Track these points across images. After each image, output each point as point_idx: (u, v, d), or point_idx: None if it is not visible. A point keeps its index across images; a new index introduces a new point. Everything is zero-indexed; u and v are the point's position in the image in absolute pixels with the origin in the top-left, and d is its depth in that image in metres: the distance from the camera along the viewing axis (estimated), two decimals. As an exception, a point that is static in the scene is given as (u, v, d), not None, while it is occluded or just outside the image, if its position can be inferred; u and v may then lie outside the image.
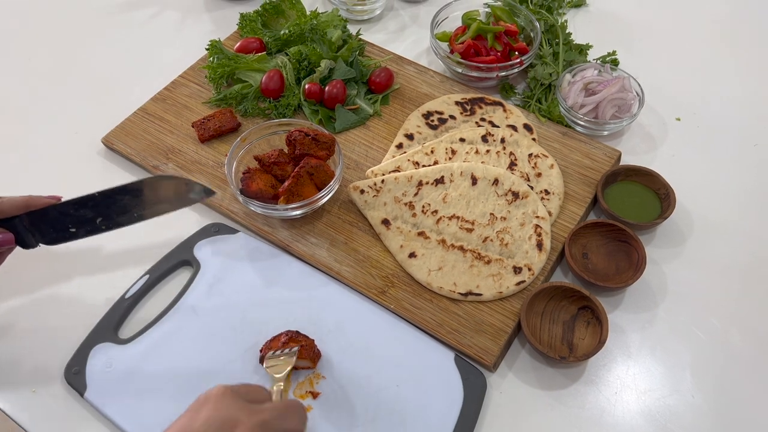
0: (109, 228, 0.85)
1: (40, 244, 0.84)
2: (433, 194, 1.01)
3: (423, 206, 1.00)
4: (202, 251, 0.98)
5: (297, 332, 0.87)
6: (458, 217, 0.99)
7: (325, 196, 0.98)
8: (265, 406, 0.67)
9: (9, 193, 1.06)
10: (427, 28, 1.24)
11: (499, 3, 1.25)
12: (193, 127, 1.11)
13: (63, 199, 0.85)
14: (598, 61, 1.21)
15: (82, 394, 0.85)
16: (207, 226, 1.01)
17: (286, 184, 0.96)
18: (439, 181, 1.02)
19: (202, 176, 1.07)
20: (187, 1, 1.41)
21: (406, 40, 1.33)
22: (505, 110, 1.14)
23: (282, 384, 0.80)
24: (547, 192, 1.03)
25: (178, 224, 1.03)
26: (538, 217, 0.99)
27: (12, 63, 1.30)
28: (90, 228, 0.84)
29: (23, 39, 1.34)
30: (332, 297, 0.94)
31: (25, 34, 1.35)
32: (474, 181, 1.02)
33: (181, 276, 0.98)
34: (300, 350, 0.83)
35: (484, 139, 1.08)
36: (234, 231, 1.01)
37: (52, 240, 0.85)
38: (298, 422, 0.69)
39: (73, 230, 0.83)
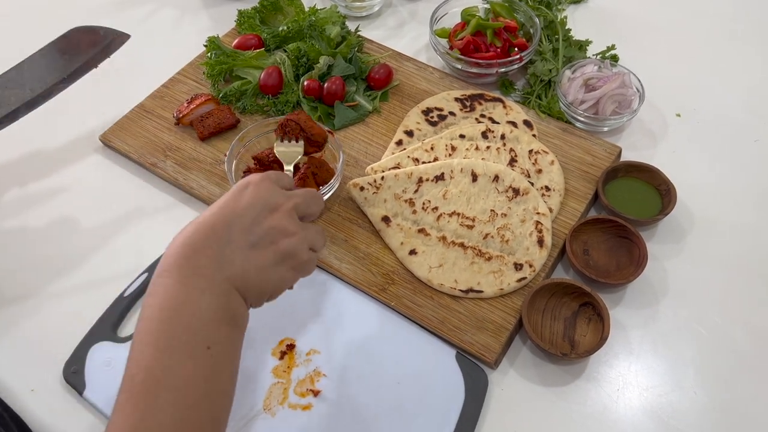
0: (44, 98, 0.86)
1: None
2: (434, 191, 1.00)
3: (423, 203, 1.00)
4: (201, 249, 0.97)
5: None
6: (459, 214, 0.99)
7: (325, 194, 0.98)
8: (296, 192, 0.74)
9: (11, 192, 1.06)
10: (426, 25, 1.24)
11: (499, -1, 1.24)
12: (191, 124, 1.11)
13: None
14: (598, 57, 1.21)
15: (80, 393, 0.84)
16: (206, 224, 1.01)
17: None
18: (440, 178, 1.01)
19: (201, 174, 1.06)
20: (185, -3, 1.40)
21: (405, 36, 1.32)
22: (504, 106, 1.13)
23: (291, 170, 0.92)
24: (547, 188, 1.02)
25: (177, 221, 1.02)
26: (538, 213, 0.98)
27: (9, 61, 1.29)
28: (25, 106, 0.86)
29: (20, 37, 1.33)
30: (332, 294, 0.93)
31: (21, 32, 1.34)
32: (474, 177, 1.01)
33: (180, 274, 0.97)
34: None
35: (484, 135, 1.07)
36: (233, 228, 1.00)
37: None
38: (318, 208, 0.77)
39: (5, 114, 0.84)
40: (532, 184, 1.02)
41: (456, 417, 0.82)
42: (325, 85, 1.14)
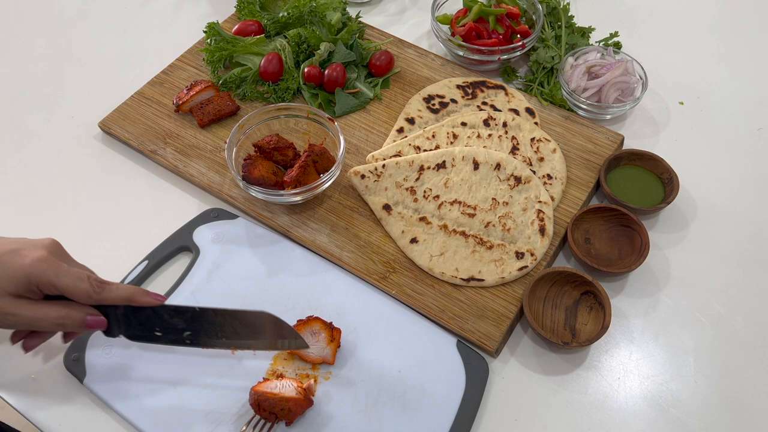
0: (192, 344, 0.81)
1: (121, 336, 0.80)
2: (435, 179, 1.00)
3: (424, 191, 0.99)
4: (201, 237, 0.97)
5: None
6: (460, 202, 0.98)
7: (326, 182, 0.97)
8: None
9: (11, 180, 1.05)
10: (427, 11, 1.23)
11: (501, -15, 1.23)
12: (191, 112, 1.10)
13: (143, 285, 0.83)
14: (601, 44, 1.20)
15: (81, 381, 0.84)
16: (206, 211, 1.00)
17: (294, 174, 0.95)
18: (441, 166, 1.01)
19: (201, 161, 1.05)
20: (184, -17, 1.39)
21: (406, 22, 1.31)
22: (507, 94, 1.12)
23: None
24: (549, 177, 1.02)
25: (176, 209, 1.02)
26: (540, 202, 0.98)
27: (7, 46, 1.28)
28: (175, 338, 0.81)
29: (18, 22, 1.32)
30: (333, 283, 0.93)
31: (19, 16, 1.33)
32: (476, 165, 1.01)
33: (181, 262, 0.97)
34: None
35: (486, 123, 1.07)
36: (233, 216, 1.00)
37: (135, 337, 0.81)
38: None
39: (159, 334, 0.80)
40: (534, 172, 1.01)
41: (457, 405, 0.82)
42: (326, 71, 1.13)
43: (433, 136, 1.05)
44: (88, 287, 0.73)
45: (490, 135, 1.05)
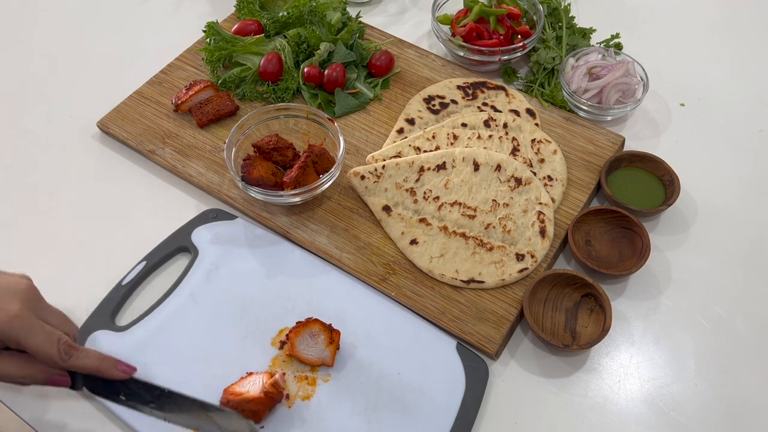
0: (155, 416, 0.77)
1: (84, 388, 0.77)
2: (435, 180, 1.00)
3: (424, 192, 0.99)
4: (199, 237, 0.97)
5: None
6: (460, 204, 0.98)
7: (325, 183, 0.97)
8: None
9: (9, 180, 1.05)
10: (428, 11, 1.22)
11: (502, -15, 1.22)
12: (190, 111, 1.10)
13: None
14: (602, 45, 1.19)
15: (79, 382, 0.83)
16: (205, 212, 1.00)
17: (294, 174, 0.94)
18: (441, 167, 1.00)
19: (200, 161, 1.05)
20: (183, -18, 1.38)
21: (406, 23, 1.31)
22: (507, 95, 1.12)
23: None
24: (550, 178, 1.01)
25: (175, 209, 1.01)
26: (541, 203, 0.97)
27: (5, 45, 1.27)
28: (138, 405, 0.77)
29: (16, 21, 1.32)
30: (333, 284, 0.93)
31: (18, 15, 1.33)
32: (476, 166, 1.00)
33: (179, 262, 0.96)
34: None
35: (487, 124, 1.06)
36: (232, 217, 0.99)
37: (97, 393, 0.77)
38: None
39: (123, 398, 0.76)
40: (535, 173, 1.01)
41: (456, 408, 0.82)
42: (326, 72, 1.12)
43: (434, 137, 1.05)
44: (55, 353, 0.69)
45: (490, 136, 1.05)
